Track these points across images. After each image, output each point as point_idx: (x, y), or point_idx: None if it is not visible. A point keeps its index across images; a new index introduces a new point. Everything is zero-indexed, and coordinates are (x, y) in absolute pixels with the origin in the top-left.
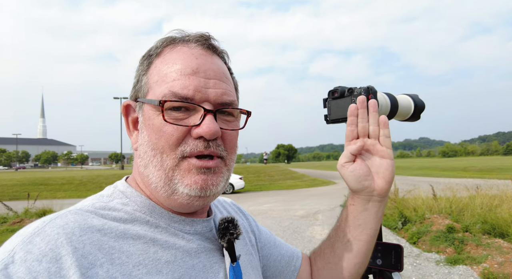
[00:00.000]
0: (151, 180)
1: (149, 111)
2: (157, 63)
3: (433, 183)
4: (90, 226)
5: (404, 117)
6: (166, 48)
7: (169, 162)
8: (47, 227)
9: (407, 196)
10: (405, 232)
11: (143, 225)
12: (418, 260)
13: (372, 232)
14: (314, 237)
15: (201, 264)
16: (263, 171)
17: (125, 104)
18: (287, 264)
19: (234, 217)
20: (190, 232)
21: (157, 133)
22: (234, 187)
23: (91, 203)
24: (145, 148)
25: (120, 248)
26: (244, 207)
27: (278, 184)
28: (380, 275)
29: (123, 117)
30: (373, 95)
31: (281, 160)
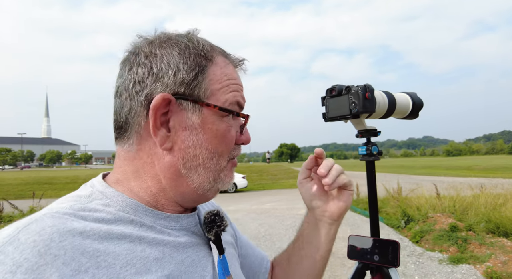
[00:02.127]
0: (193, 181)
1: (212, 116)
2: (215, 70)
3: (436, 182)
4: (70, 229)
5: (403, 115)
6: (217, 58)
7: (222, 164)
8: (21, 234)
9: (410, 195)
10: (408, 231)
11: (128, 224)
12: (421, 259)
13: (323, 252)
14: None
15: (189, 258)
16: (266, 170)
17: (167, 97)
18: (260, 265)
19: (219, 210)
20: (176, 228)
21: (219, 138)
22: (237, 186)
23: (69, 205)
24: (197, 151)
25: (105, 249)
26: (247, 206)
27: (281, 183)
28: (377, 271)
29: (150, 111)
30: (370, 93)
31: (284, 159)
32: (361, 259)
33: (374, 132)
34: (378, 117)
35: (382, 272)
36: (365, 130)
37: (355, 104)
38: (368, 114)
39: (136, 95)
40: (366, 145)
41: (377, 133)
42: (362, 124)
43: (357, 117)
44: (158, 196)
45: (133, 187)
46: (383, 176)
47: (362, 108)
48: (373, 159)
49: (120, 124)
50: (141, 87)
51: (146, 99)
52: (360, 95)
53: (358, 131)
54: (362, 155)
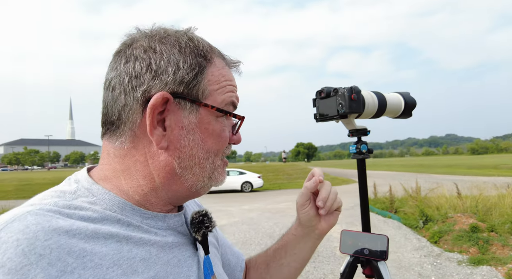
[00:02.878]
0: (188, 180)
1: (209, 116)
2: (213, 71)
3: (458, 181)
4: (55, 227)
5: (395, 114)
6: (215, 59)
7: (217, 163)
8: (3, 233)
9: (429, 195)
10: (426, 231)
11: (114, 224)
12: (439, 260)
13: (304, 262)
14: (331, 235)
15: (175, 259)
16: (282, 170)
17: (166, 96)
18: (236, 264)
19: (207, 210)
20: (163, 228)
21: (215, 138)
22: (253, 185)
23: (53, 201)
24: (193, 151)
25: (92, 249)
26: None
27: (297, 182)
28: (367, 264)
29: (148, 109)
30: (356, 95)
31: (300, 158)
32: (352, 253)
33: (364, 132)
34: (369, 117)
35: (371, 265)
36: (355, 130)
37: (342, 105)
38: (357, 115)
39: (132, 91)
40: (356, 143)
41: (367, 132)
42: (351, 124)
43: (346, 118)
44: (149, 195)
45: (122, 185)
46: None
47: (349, 109)
48: (362, 157)
49: (112, 120)
50: (137, 83)
51: (143, 96)
52: (346, 96)
53: (349, 130)
54: (353, 154)
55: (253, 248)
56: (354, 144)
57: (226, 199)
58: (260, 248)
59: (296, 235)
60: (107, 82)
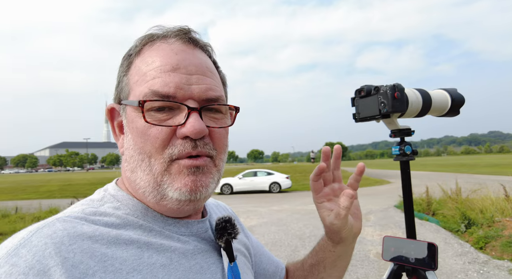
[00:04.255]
0: (138, 185)
1: (132, 113)
2: (137, 62)
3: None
4: (80, 233)
5: (441, 112)
6: (145, 47)
7: (157, 166)
8: (34, 237)
9: (472, 196)
10: (469, 236)
11: (136, 229)
12: (486, 268)
13: (345, 268)
14: (364, 238)
15: (198, 265)
16: (311, 170)
17: (109, 107)
18: (274, 273)
19: (231, 216)
20: (185, 234)
21: (141, 136)
22: (281, 186)
23: (81, 209)
24: (131, 152)
25: (113, 254)
26: (291, 207)
27: None
28: (413, 273)
29: (108, 121)
30: (399, 93)
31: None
32: (396, 261)
33: (408, 132)
34: (413, 116)
35: (418, 275)
36: (397, 130)
37: (384, 104)
38: (400, 114)
39: None
40: (400, 144)
41: (411, 132)
42: (394, 124)
43: (388, 117)
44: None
45: (136, 189)
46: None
47: (392, 108)
48: (406, 159)
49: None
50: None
51: None
52: (389, 95)
53: (391, 131)
54: (396, 155)
55: (283, 250)
56: (397, 145)
57: (256, 199)
58: (290, 249)
59: (335, 251)
60: None
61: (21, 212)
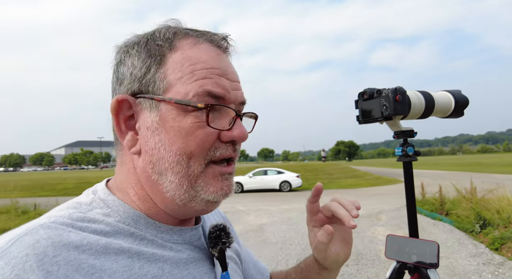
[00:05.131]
0: (166, 188)
1: (172, 111)
2: (176, 57)
3: None
4: (65, 243)
5: (445, 114)
6: (182, 42)
7: (195, 168)
8: (13, 247)
9: (488, 196)
10: (484, 237)
11: (127, 238)
12: (501, 269)
13: None
14: (375, 238)
15: (190, 275)
16: (322, 169)
17: (121, 98)
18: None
19: (225, 224)
20: (179, 242)
21: (185, 137)
22: (291, 185)
23: (67, 214)
24: (162, 153)
25: (101, 266)
26: (301, 205)
27: (337, 182)
28: (415, 271)
29: (111, 114)
30: (400, 96)
31: (341, 157)
32: (399, 259)
33: (410, 133)
34: (416, 118)
35: (420, 273)
36: (400, 131)
37: (386, 107)
38: (402, 116)
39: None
40: (402, 145)
41: (413, 134)
42: (397, 126)
43: (390, 120)
44: (151, 206)
45: (130, 195)
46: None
47: (393, 110)
48: (409, 160)
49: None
50: (113, 95)
51: None
52: (390, 98)
53: (394, 132)
54: (398, 156)
55: (293, 248)
56: (400, 146)
57: (266, 198)
58: (300, 248)
59: (321, 275)
60: None
61: (39, 208)
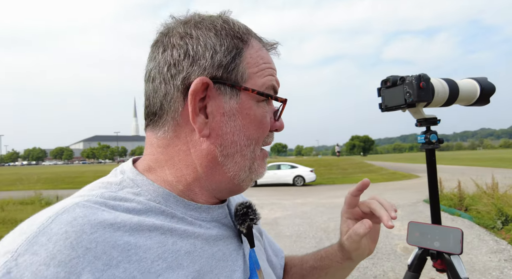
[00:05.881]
0: (229, 169)
1: (250, 101)
2: (251, 53)
3: None
4: (101, 220)
5: (469, 101)
6: (252, 41)
7: (257, 152)
8: (54, 224)
9: (510, 192)
10: (506, 233)
11: (159, 215)
12: None
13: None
14: (391, 232)
15: (220, 252)
16: (336, 164)
17: (205, 81)
18: (276, 262)
19: (251, 201)
20: (207, 219)
21: (256, 124)
22: (305, 179)
23: (99, 193)
24: (235, 138)
25: (136, 242)
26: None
27: (352, 177)
28: (438, 257)
29: (189, 96)
30: (424, 83)
31: (356, 152)
32: (421, 245)
33: (434, 121)
34: (439, 106)
35: (443, 258)
36: (423, 119)
37: (409, 94)
38: (426, 103)
39: (172, 79)
40: (425, 133)
41: (437, 121)
42: (420, 113)
43: (414, 107)
44: (192, 185)
45: (166, 175)
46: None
47: (417, 97)
48: (432, 147)
49: (154, 110)
50: (176, 71)
51: (182, 84)
52: (414, 85)
53: (417, 120)
54: (421, 144)
55: (308, 242)
56: (423, 133)
57: (279, 192)
58: (315, 241)
59: (342, 263)
60: (147, 74)
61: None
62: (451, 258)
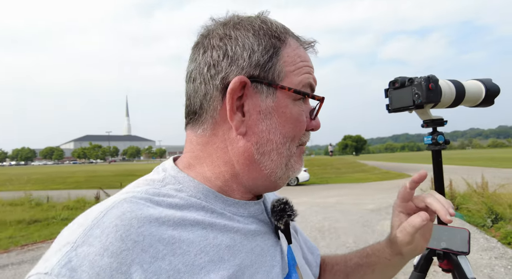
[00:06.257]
0: (266, 166)
1: (286, 99)
2: (288, 52)
3: None
4: (146, 215)
5: (474, 103)
6: (290, 40)
7: (293, 149)
8: (105, 218)
9: (500, 191)
10: (496, 231)
11: (199, 211)
12: None
13: (393, 276)
14: (385, 231)
15: (258, 247)
16: (329, 163)
17: (243, 80)
18: (311, 260)
19: (288, 198)
20: (244, 215)
21: (292, 122)
22: (299, 179)
23: (144, 189)
24: (270, 136)
25: (179, 236)
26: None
27: (345, 176)
28: (444, 258)
29: (227, 94)
30: (433, 84)
31: (348, 151)
32: (427, 245)
33: (440, 122)
34: (445, 107)
35: (449, 259)
36: (430, 120)
37: (418, 95)
38: (433, 105)
39: (211, 79)
40: (432, 134)
41: (443, 122)
42: (427, 114)
43: (422, 108)
44: (230, 181)
45: (205, 172)
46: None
47: (426, 99)
48: (439, 148)
49: (194, 109)
50: (216, 71)
51: (221, 83)
52: (423, 86)
53: (424, 121)
54: (428, 145)
55: None
56: (429, 134)
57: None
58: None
59: (391, 261)
60: (188, 74)
61: (52, 201)
62: (458, 259)
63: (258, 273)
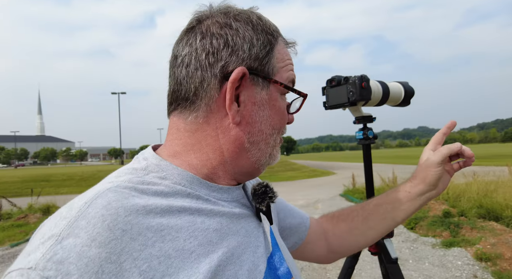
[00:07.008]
0: (253, 154)
1: (276, 93)
2: (279, 49)
3: None
4: (133, 204)
5: (396, 102)
6: (280, 38)
7: (278, 140)
8: (90, 209)
9: None
10: None
11: (185, 197)
12: (415, 244)
13: (407, 217)
14: None
15: (243, 229)
16: None
17: (245, 71)
18: (299, 225)
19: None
20: (228, 200)
21: (279, 115)
22: None
23: (127, 178)
24: (262, 126)
25: (168, 223)
26: None
27: (278, 175)
28: None
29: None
30: (366, 83)
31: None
32: None
33: (370, 118)
34: (373, 105)
35: (377, 242)
36: (361, 116)
37: (352, 93)
38: (365, 102)
39: (210, 67)
40: (363, 129)
41: (373, 119)
42: (359, 111)
43: (355, 105)
44: (217, 169)
45: (191, 159)
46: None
47: (359, 96)
48: (369, 143)
49: (186, 95)
50: (215, 59)
51: (221, 72)
52: (357, 84)
53: (356, 117)
54: (359, 139)
55: None
56: (360, 130)
57: None
58: None
59: (411, 193)
60: (179, 58)
61: None
62: (383, 241)
63: (245, 253)
